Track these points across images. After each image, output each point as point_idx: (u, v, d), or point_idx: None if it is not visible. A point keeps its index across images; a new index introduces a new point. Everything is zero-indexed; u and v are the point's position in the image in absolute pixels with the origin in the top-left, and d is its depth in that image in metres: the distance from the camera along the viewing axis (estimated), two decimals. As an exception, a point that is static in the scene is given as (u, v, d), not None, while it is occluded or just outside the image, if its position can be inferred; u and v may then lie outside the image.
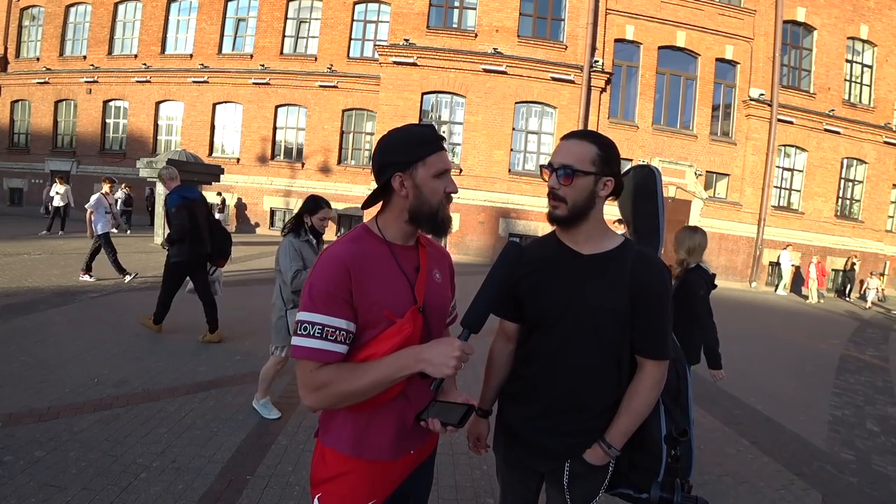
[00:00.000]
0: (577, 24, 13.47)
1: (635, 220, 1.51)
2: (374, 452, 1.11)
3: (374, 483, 1.13)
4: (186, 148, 14.80)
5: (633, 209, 1.51)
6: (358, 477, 1.12)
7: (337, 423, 1.13)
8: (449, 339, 1.03)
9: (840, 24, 14.50)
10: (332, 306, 1.01)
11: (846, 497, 2.87)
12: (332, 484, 1.12)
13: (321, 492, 1.14)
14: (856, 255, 14.51)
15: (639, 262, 1.22)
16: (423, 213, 1.10)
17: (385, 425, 1.11)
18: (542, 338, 1.28)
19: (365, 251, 1.09)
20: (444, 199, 1.12)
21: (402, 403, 1.11)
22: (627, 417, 1.21)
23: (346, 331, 1.03)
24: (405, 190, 1.09)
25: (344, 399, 1.03)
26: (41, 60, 18.37)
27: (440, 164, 1.11)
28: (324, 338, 1.01)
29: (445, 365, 0.99)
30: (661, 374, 1.22)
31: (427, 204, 1.10)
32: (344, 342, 1.03)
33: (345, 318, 1.02)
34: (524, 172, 13.76)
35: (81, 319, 5.01)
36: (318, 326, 1.01)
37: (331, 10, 15.95)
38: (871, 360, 6.66)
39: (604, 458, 1.23)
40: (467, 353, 1.01)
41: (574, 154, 1.20)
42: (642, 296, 1.19)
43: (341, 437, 1.12)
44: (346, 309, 1.03)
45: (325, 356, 1.01)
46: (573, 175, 1.18)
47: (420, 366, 1.01)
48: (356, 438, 1.11)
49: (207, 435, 2.86)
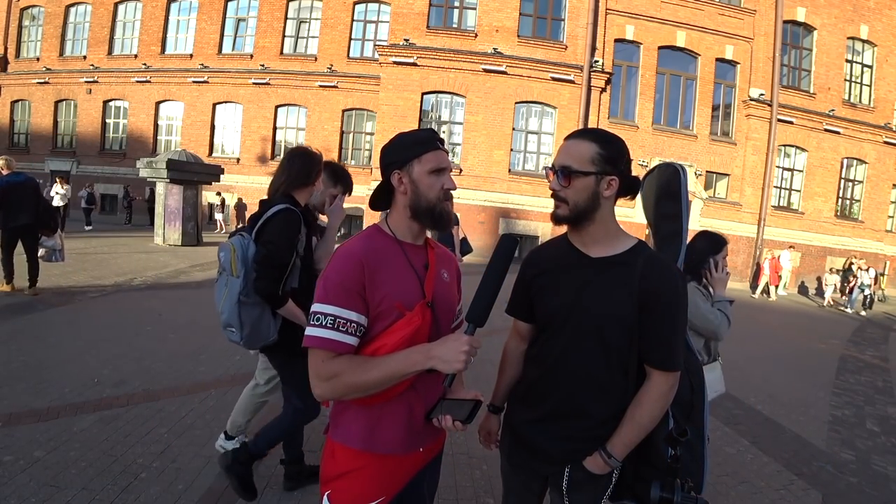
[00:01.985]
0: (577, 24, 13.47)
1: (656, 222, 1.45)
2: (385, 446, 1.13)
3: (383, 480, 1.14)
4: (186, 148, 14.80)
5: (654, 210, 1.45)
6: (368, 473, 1.13)
7: (347, 417, 1.15)
8: (456, 335, 1.05)
9: (840, 24, 14.50)
10: (344, 299, 1.05)
11: (846, 497, 2.87)
12: (342, 480, 1.14)
13: (331, 489, 1.15)
14: (855, 255, 14.52)
15: (649, 266, 1.16)
16: (422, 208, 1.14)
17: (396, 419, 1.13)
18: (549, 340, 1.27)
19: (377, 247, 1.13)
20: (440, 194, 1.15)
21: (412, 396, 1.14)
22: (630, 428, 1.17)
23: (356, 323, 1.06)
24: (403, 186, 1.15)
25: (353, 390, 1.06)
26: (41, 60, 18.39)
27: (435, 161, 1.15)
28: (335, 328, 1.04)
29: (456, 360, 1.01)
30: (668, 387, 1.16)
31: (424, 199, 1.14)
32: (354, 334, 1.06)
33: (356, 311, 1.06)
34: (524, 172, 13.76)
35: (81, 319, 5.01)
36: (330, 317, 1.04)
37: (331, 10, 15.96)
38: (871, 360, 6.66)
39: (603, 467, 1.20)
40: (475, 346, 1.03)
41: (573, 154, 1.18)
42: (651, 302, 1.14)
43: (352, 432, 1.13)
44: (357, 302, 1.06)
45: (336, 346, 1.05)
46: (571, 176, 1.17)
47: (431, 362, 1.03)
48: (367, 432, 1.13)
49: (207, 435, 2.86)
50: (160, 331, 4.80)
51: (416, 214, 1.16)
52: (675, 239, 1.37)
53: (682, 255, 1.35)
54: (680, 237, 1.36)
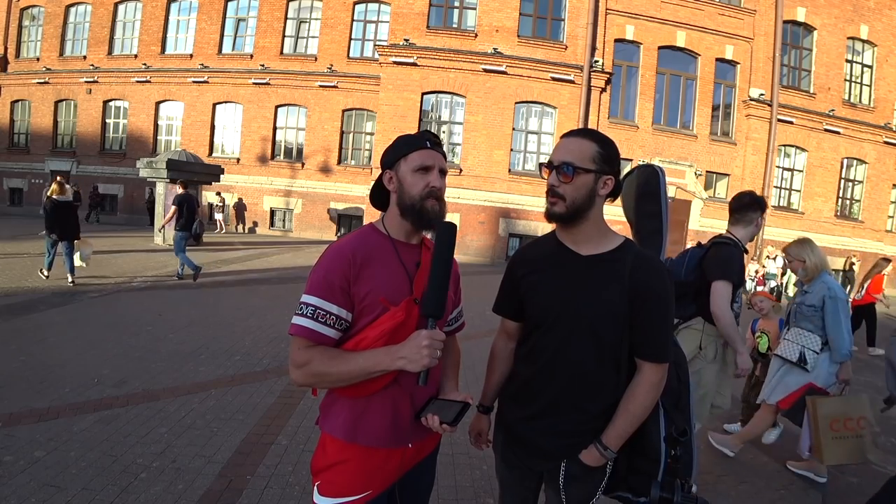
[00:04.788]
0: (577, 24, 13.47)
1: (637, 220, 1.49)
2: (369, 439, 1.15)
3: (370, 473, 1.16)
4: (186, 148, 14.82)
5: (635, 209, 1.49)
6: (354, 466, 1.16)
7: (335, 409, 1.18)
8: (416, 333, 1.08)
9: (840, 24, 14.50)
10: (327, 292, 1.09)
11: (846, 497, 2.87)
12: (330, 472, 1.17)
13: (320, 480, 1.18)
14: (855, 255, 14.51)
15: (638, 263, 1.20)
16: (406, 206, 1.17)
17: (380, 413, 1.15)
18: (541, 338, 1.28)
19: (369, 244, 1.17)
20: (423, 192, 1.15)
21: (396, 391, 1.15)
22: (623, 420, 1.20)
23: (336, 316, 1.10)
24: (393, 185, 1.20)
25: (322, 380, 1.11)
26: (41, 60, 18.37)
27: (420, 159, 1.16)
28: (315, 319, 1.08)
29: (419, 357, 1.04)
30: (658, 378, 1.20)
31: (408, 196, 1.16)
32: (334, 326, 1.10)
33: (336, 304, 1.10)
34: (524, 172, 13.76)
35: (81, 319, 5.01)
36: (311, 308, 1.09)
37: (331, 10, 15.96)
38: (872, 360, 6.66)
39: (599, 459, 1.22)
40: (437, 339, 1.06)
41: (574, 151, 1.20)
42: (641, 297, 1.17)
43: (337, 423, 1.16)
44: (339, 296, 1.10)
45: (313, 336, 1.09)
46: (573, 172, 1.19)
47: (397, 363, 1.06)
48: (352, 424, 1.15)
49: (207, 435, 2.86)
50: (160, 331, 4.80)
51: (403, 212, 1.18)
52: (656, 236, 1.43)
53: (664, 251, 1.42)
54: (660, 234, 1.42)
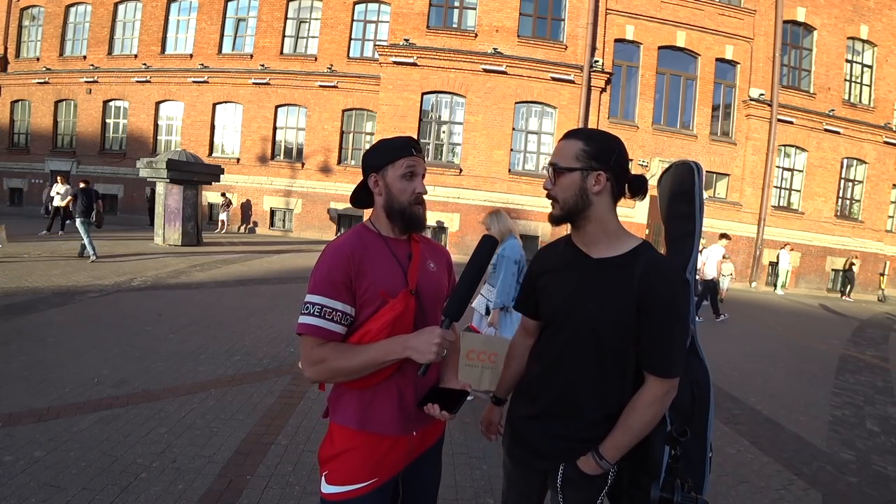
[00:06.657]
0: (577, 24, 13.47)
1: (668, 223, 1.39)
2: (378, 426, 1.21)
3: (377, 461, 1.21)
4: (186, 148, 14.81)
5: (667, 211, 1.39)
6: (361, 454, 1.20)
7: (344, 401, 1.23)
8: (431, 328, 1.14)
9: (840, 24, 14.50)
10: (331, 290, 1.15)
11: (846, 497, 2.87)
12: (338, 461, 1.21)
13: (328, 469, 1.22)
14: (856, 255, 14.51)
15: (649, 268, 1.14)
16: (394, 210, 1.24)
17: (387, 400, 1.22)
18: (550, 338, 1.28)
19: (365, 241, 1.23)
20: (411, 198, 1.23)
21: (400, 380, 1.22)
22: (622, 432, 1.16)
23: (342, 312, 1.16)
24: (379, 188, 1.25)
25: (337, 374, 1.16)
26: (41, 60, 18.35)
27: (407, 166, 1.22)
28: (322, 317, 1.14)
29: (428, 351, 1.10)
30: (662, 393, 1.14)
31: (396, 201, 1.23)
32: (341, 322, 1.16)
33: (341, 301, 1.15)
34: (524, 172, 13.76)
35: (81, 319, 5.01)
36: (318, 306, 1.14)
37: (331, 10, 15.95)
38: (871, 360, 6.65)
39: (595, 468, 1.19)
40: (448, 339, 1.12)
41: (558, 151, 1.22)
42: (648, 306, 1.12)
43: (348, 413, 1.22)
44: (343, 293, 1.16)
45: (323, 333, 1.14)
46: (556, 172, 1.20)
47: (407, 352, 1.12)
48: (361, 412, 1.21)
49: (207, 435, 2.86)
50: (160, 331, 4.80)
51: (390, 215, 1.25)
52: (687, 241, 1.29)
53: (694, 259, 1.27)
54: (692, 239, 1.28)
